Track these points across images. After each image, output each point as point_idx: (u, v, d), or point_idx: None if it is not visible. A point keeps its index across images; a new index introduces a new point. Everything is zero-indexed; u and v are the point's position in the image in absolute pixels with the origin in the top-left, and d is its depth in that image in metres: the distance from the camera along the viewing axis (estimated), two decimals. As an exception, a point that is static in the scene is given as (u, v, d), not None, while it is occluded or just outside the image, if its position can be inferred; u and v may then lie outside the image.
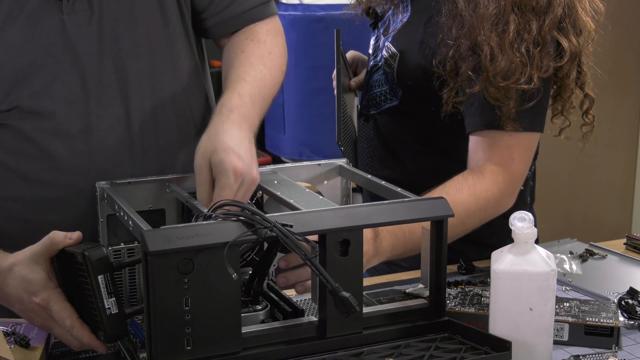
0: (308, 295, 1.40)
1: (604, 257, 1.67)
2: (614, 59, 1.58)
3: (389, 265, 1.70)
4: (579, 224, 3.94)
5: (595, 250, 1.69)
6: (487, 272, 1.56)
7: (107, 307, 1.13)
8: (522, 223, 1.15)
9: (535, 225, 1.18)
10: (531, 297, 1.14)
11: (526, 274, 1.14)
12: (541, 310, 1.14)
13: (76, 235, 1.18)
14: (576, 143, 1.70)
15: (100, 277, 1.13)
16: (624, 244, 1.73)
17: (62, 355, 1.25)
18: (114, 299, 1.14)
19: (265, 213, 1.10)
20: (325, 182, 1.45)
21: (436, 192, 1.46)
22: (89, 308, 1.16)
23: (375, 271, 1.69)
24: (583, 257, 1.66)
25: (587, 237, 1.79)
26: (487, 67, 1.47)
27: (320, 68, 3.01)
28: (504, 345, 1.12)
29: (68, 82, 1.35)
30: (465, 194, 1.47)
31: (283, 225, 1.08)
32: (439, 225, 1.20)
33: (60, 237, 1.18)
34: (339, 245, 1.13)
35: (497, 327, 1.16)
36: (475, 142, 1.55)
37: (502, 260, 1.15)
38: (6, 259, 1.21)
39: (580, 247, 1.72)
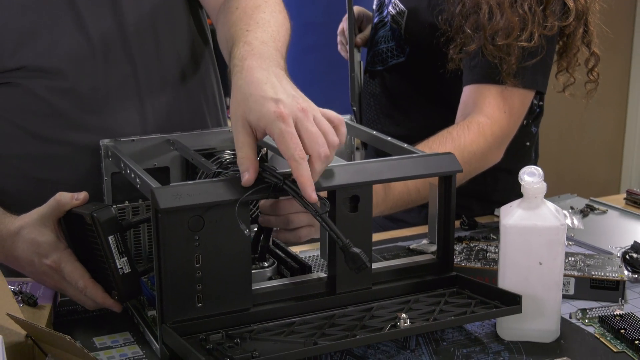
0: (313, 252, 1.40)
1: (604, 212, 1.68)
2: (603, 16, 1.58)
3: (393, 222, 1.70)
4: (569, 180, 3.96)
5: (596, 206, 1.70)
6: (489, 227, 1.57)
7: (119, 267, 1.13)
8: (532, 178, 1.15)
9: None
10: (541, 251, 1.14)
11: (536, 228, 1.13)
12: (551, 264, 1.14)
13: (82, 195, 1.17)
14: (567, 101, 1.70)
15: (110, 238, 1.13)
16: (624, 199, 1.74)
17: (69, 313, 1.25)
18: (125, 258, 1.14)
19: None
20: (329, 138, 1.44)
21: (420, 147, 1.43)
22: (101, 268, 1.15)
23: (379, 227, 1.69)
24: (584, 212, 1.66)
25: (577, 193, 1.79)
26: (485, 25, 1.46)
27: (311, 25, 2.99)
28: (514, 299, 1.12)
29: (73, 42, 1.34)
30: (448, 148, 1.45)
31: (293, 181, 1.07)
32: (447, 181, 1.20)
33: (67, 198, 1.17)
34: (349, 202, 1.13)
35: (507, 281, 1.16)
36: (468, 94, 1.53)
37: (512, 215, 1.15)
38: (14, 222, 1.20)
39: (580, 202, 1.72)
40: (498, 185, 1.55)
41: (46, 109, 1.35)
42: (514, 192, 1.62)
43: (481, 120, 1.49)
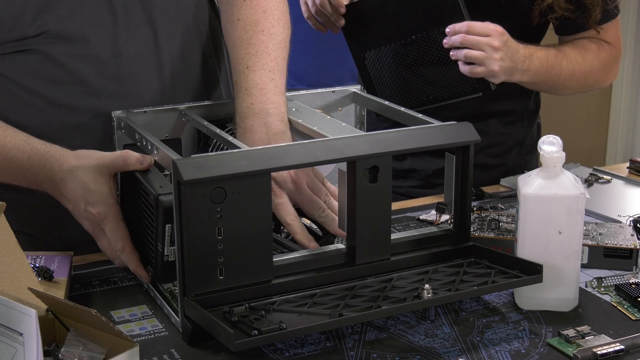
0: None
1: (608, 181, 1.68)
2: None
3: (400, 194, 1.69)
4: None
5: (600, 175, 1.70)
6: (497, 197, 1.57)
7: (166, 254, 1.12)
8: (551, 147, 1.15)
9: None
10: (560, 220, 1.14)
11: (556, 197, 1.13)
12: (570, 233, 1.14)
13: (148, 161, 1.17)
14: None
15: (167, 226, 1.10)
16: (627, 167, 1.75)
17: (84, 287, 1.23)
18: (174, 247, 1.11)
19: None
20: (340, 109, 1.43)
21: (565, 50, 1.65)
22: (146, 240, 1.14)
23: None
24: (589, 182, 1.67)
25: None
26: None
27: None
28: (534, 269, 1.13)
29: (95, 7, 1.32)
30: (590, 58, 1.66)
31: None
32: (464, 150, 1.20)
33: (133, 160, 1.17)
34: (368, 172, 1.12)
35: (526, 250, 1.16)
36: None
37: (531, 185, 1.15)
38: (69, 161, 1.20)
39: (584, 171, 1.72)
40: (532, 128, 1.61)
41: (66, 76, 1.33)
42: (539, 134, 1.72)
43: (604, 45, 1.69)
